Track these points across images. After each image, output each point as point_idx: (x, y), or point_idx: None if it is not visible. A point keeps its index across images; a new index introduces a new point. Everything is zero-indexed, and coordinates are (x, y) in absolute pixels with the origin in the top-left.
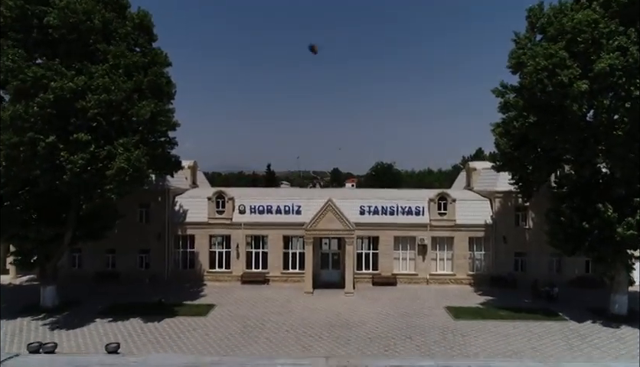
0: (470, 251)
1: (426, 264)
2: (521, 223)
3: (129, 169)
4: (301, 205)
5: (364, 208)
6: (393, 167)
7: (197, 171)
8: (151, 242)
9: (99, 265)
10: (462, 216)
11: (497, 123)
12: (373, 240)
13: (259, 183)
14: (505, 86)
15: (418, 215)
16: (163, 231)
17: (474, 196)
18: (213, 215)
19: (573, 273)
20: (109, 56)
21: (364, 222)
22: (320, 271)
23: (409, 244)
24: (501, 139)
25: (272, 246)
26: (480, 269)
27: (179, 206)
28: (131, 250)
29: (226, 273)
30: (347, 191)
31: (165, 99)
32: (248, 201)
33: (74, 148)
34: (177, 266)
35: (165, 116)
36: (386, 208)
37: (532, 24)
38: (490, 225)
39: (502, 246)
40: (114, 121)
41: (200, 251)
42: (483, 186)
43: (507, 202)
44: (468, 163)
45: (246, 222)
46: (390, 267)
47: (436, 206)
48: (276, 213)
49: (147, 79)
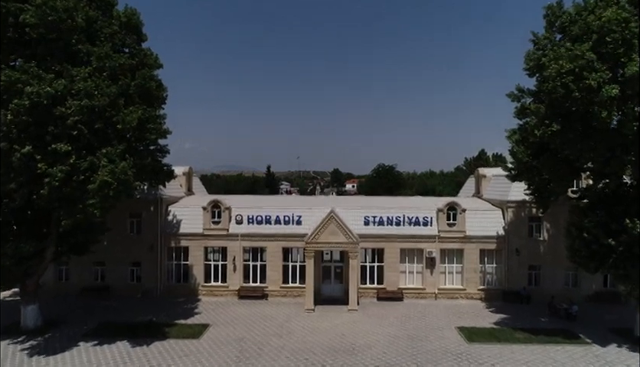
0: (481, 264)
1: (435, 277)
2: (535, 234)
3: (113, 183)
4: (301, 215)
5: (369, 218)
6: (394, 168)
7: (192, 177)
8: (142, 254)
9: (87, 279)
10: (473, 227)
11: (514, 129)
12: (378, 252)
13: (259, 184)
14: (522, 89)
15: (426, 225)
16: (155, 242)
17: (484, 205)
18: (209, 225)
19: (590, 288)
20: (92, 58)
21: (368, 233)
22: (322, 284)
23: (417, 256)
24: (518, 147)
25: (271, 259)
26: (491, 283)
27: (172, 215)
28: (121, 262)
29: (222, 287)
30: (350, 199)
31: (156, 104)
32: (245, 211)
33: (53, 159)
34: (171, 279)
35: (155, 123)
36: (392, 218)
37: (551, 23)
38: (502, 236)
39: (515, 259)
40: (97, 130)
41: (195, 263)
42: (494, 194)
43: (521, 213)
44: (478, 169)
45: (243, 233)
46: (396, 281)
47: (445, 217)
48: (275, 224)
49: (134, 82)
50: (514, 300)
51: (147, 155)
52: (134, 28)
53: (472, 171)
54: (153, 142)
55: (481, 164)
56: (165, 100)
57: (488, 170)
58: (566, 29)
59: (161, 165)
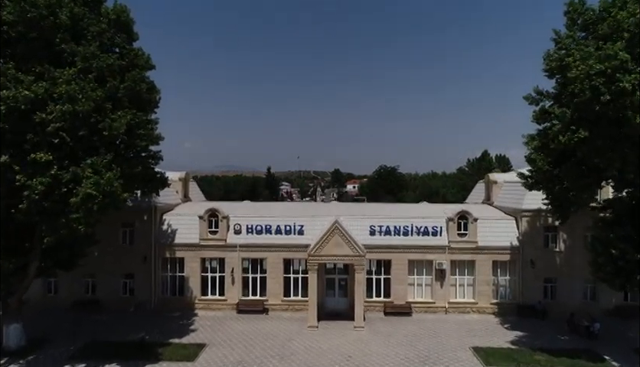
0: (494, 276)
1: (445, 290)
2: (551, 245)
3: (98, 195)
4: (304, 224)
5: (374, 228)
6: (396, 170)
7: (189, 183)
8: (135, 266)
9: (77, 291)
10: (485, 237)
11: (532, 135)
12: (384, 264)
13: (259, 185)
14: (540, 92)
15: (435, 235)
16: (149, 253)
17: (496, 213)
18: (206, 235)
19: (609, 302)
20: (77, 59)
21: (374, 243)
22: (325, 297)
23: (426, 268)
24: (537, 154)
25: (272, 270)
26: (505, 297)
27: (167, 225)
28: (113, 274)
29: (220, 301)
30: (354, 207)
31: (148, 108)
32: (244, 220)
33: (32, 170)
34: (165, 292)
35: (145, 129)
36: (399, 228)
37: (573, 21)
38: (516, 247)
39: (530, 271)
40: (81, 137)
41: (191, 275)
42: (506, 201)
43: (536, 222)
44: (488, 175)
45: (242, 244)
46: (403, 294)
47: (456, 226)
48: (276, 233)
49: (123, 85)
50: (529, 315)
51: (137, 163)
52: (124, 26)
53: (475, 172)
54: (144, 149)
55: (485, 166)
56: (158, 104)
57: (499, 175)
58: (589, 27)
59: (154, 173)
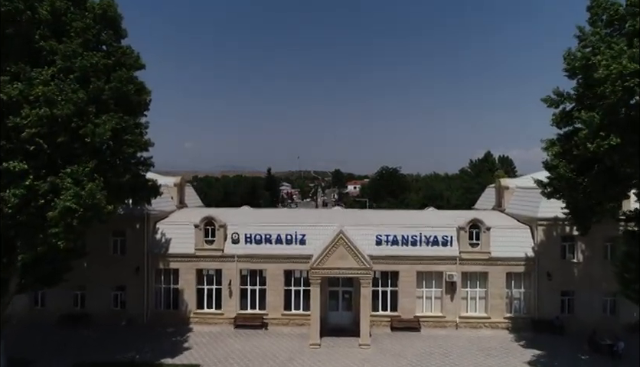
0: (507, 289)
1: (455, 304)
2: (568, 256)
3: (78, 209)
4: (305, 234)
5: (381, 237)
6: (398, 171)
7: (184, 188)
8: (127, 277)
9: (65, 304)
10: (498, 247)
11: (552, 140)
12: (391, 275)
13: (260, 187)
14: (561, 93)
15: (445, 245)
16: (141, 264)
17: (509, 221)
18: (202, 245)
19: (631, 316)
20: (56, 57)
21: (381, 254)
22: (328, 311)
23: (435, 280)
24: (558, 161)
25: (272, 283)
26: (519, 311)
27: (161, 234)
28: (104, 287)
29: (216, 315)
30: (359, 215)
31: (137, 111)
32: (243, 228)
33: (6, 181)
34: (159, 306)
35: (133, 134)
36: (408, 237)
37: (597, 17)
38: (531, 258)
39: (546, 283)
40: (60, 144)
41: (186, 288)
42: (519, 209)
43: (552, 232)
44: (499, 180)
45: (240, 254)
46: (411, 308)
47: (467, 236)
48: (276, 243)
49: (109, 86)
50: (546, 330)
51: (124, 171)
52: (111, 22)
53: (478, 174)
54: (131, 156)
55: (488, 167)
56: (148, 106)
57: (511, 180)
58: (615, 23)
59: (144, 181)
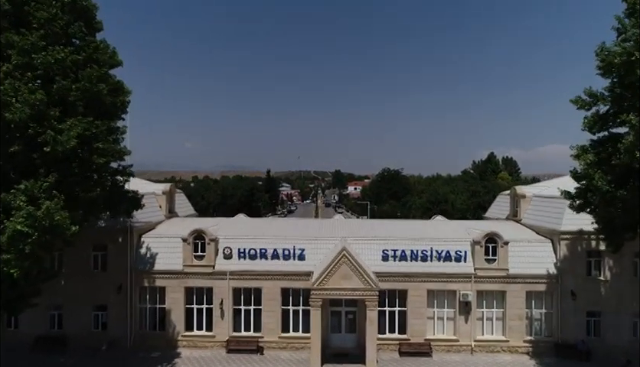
0: (527, 309)
1: (470, 326)
2: (594, 273)
3: (32, 233)
4: (304, 248)
5: (388, 252)
6: (400, 173)
7: (174, 195)
8: (109, 296)
9: (40, 326)
10: (517, 263)
11: (584, 147)
12: (399, 294)
13: (259, 189)
14: (594, 94)
15: (459, 261)
16: (124, 281)
17: (528, 234)
18: (190, 261)
19: None
20: (12, 52)
21: (388, 271)
22: (330, 334)
23: (448, 300)
24: (593, 171)
25: (268, 302)
26: (540, 334)
27: (146, 248)
28: (83, 306)
29: (207, 337)
30: (363, 226)
31: (113, 114)
32: (235, 242)
33: None
34: (144, 327)
35: (105, 141)
36: (417, 252)
37: (633, 9)
38: (553, 275)
39: (570, 303)
40: (14, 154)
41: (174, 308)
42: (537, 220)
43: (577, 246)
44: (515, 188)
45: (233, 271)
46: (422, 330)
47: (483, 250)
48: (273, 259)
49: (76, 85)
50: (570, 356)
51: (96, 185)
52: (82, 13)
53: (481, 175)
54: (103, 167)
55: (491, 168)
56: (126, 108)
57: (528, 188)
58: None
59: (123, 193)
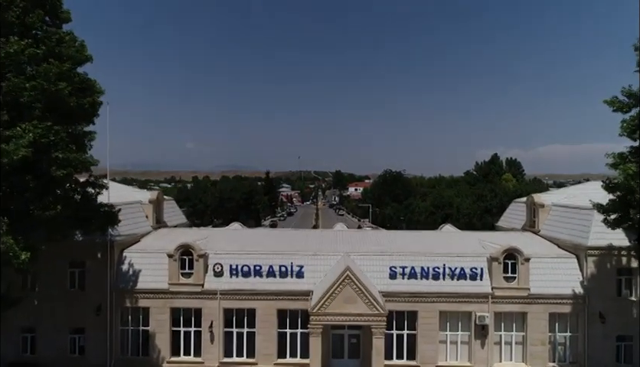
0: (550, 332)
1: (487, 351)
2: (625, 292)
3: None
4: (303, 265)
5: (396, 269)
6: (402, 175)
7: (163, 204)
8: (87, 318)
9: (12, 350)
10: (539, 282)
11: (623, 154)
12: (408, 316)
13: (258, 192)
14: (634, 94)
15: (474, 279)
16: (104, 301)
17: (549, 248)
18: (177, 278)
19: None
20: None
21: (396, 290)
22: (331, 359)
23: (462, 322)
24: (636, 183)
25: (262, 325)
26: (565, 360)
27: (128, 264)
28: (58, 329)
29: (195, 363)
30: (367, 237)
31: (79, 118)
32: (227, 258)
33: None
34: (125, 352)
35: (66, 150)
36: (428, 270)
37: None
38: (579, 295)
39: (598, 326)
40: None
41: (159, 330)
42: (558, 232)
43: (606, 263)
44: (532, 196)
45: (224, 290)
46: (433, 355)
47: (501, 268)
48: (268, 276)
49: (32, 84)
50: None
51: (58, 200)
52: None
53: (484, 177)
54: (65, 180)
55: (495, 170)
56: (97, 111)
57: (547, 196)
58: None
59: (94, 208)
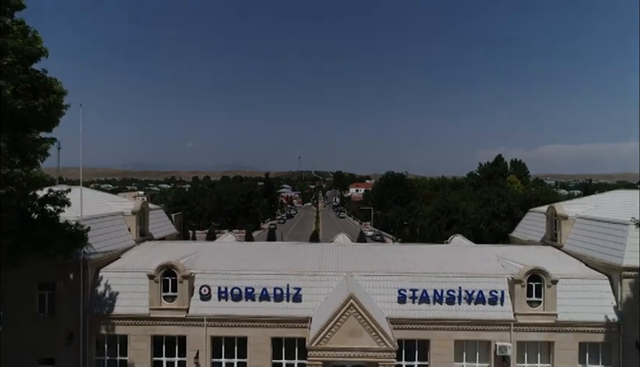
0: (581, 364)
1: None
2: None
3: None
4: (301, 287)
5: (405, 292)
6: (405, 177)
7: (148, 214)
8: (57, 346)
9: None
10: (567, 307)
11: None
12: (420, 345)
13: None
14: None
15: (494, 304)
16: (77, 328)
17: (577, 268)
18: (159, 303)
19: None
20: None
21: (405, 316)
22: None
23: (480, 352)
24: None
25: (255, 355)
26: None
27: (105, 286)
28: (25, 358)
29: None
30: (373, 254)
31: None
32: (216, 279)
33: None
34: None
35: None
36: (442, 293)
37: None
38: (614, 322)
39: (634, 357)
40: None
41: (138, 361)
42: (586, 248)
43: None
44: (554, 206)
45: (212, 316)
46: None
47: (525, 291)
48: (261, 300)
49: None
50: None
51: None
52: None
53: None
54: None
55: (499, 171)
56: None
57: (569, 206)
58: None
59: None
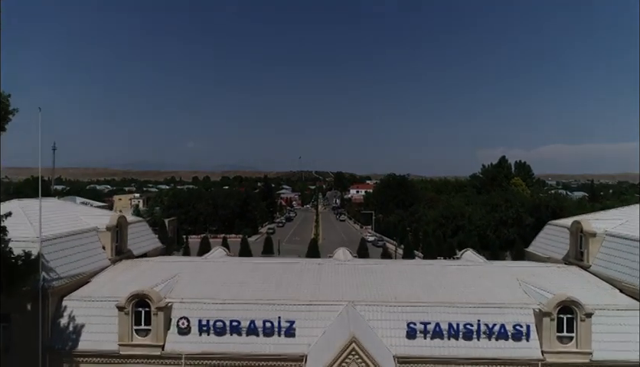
0: None
1: None
2: None
3: None
4: (294, 320)
5: (415, 326)
6: (407, 179)
7: (126, 230)
8: None
9: None
10: (602, 343)
11: None
12: None
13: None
14: None
15: (518, 340)
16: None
17: (610, 294)
18: (130, 338)
19: None
20: None
21: (415, 354)
22: None
23: None
24: None
25: None
26: None
27: (68, 318)
28: None
29: None
30: (378, 276)
31: None
32: (196, 310)
33: None
34: None
35: None
36: (457, 326)
37: None
38: None
39: None
40: None
41: None
42: (618, 270)
43: None
44: (580, 221)
45: (190, 353)
46: None
47: (555, 325)
48: (249, 334)
49: None
50: None
51: None
52: None
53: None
54: None
55: (504, 173)
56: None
57: (597, 220)
58: None
59: None
